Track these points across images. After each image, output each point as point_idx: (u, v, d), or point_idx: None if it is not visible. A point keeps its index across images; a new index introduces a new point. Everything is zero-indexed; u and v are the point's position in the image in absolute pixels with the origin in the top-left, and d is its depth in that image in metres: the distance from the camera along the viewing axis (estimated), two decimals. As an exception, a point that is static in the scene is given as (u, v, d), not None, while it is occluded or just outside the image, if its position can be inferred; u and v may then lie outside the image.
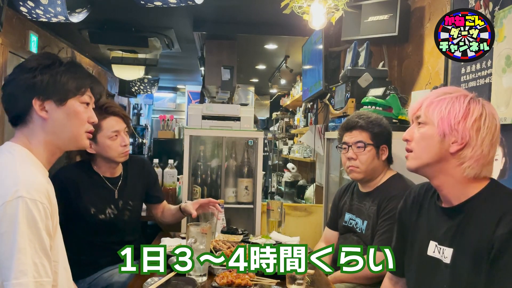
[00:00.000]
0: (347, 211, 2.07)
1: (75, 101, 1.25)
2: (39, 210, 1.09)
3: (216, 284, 1.49)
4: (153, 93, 8.71)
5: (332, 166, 3.48)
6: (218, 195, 2.98)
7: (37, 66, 1.21)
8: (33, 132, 1.22)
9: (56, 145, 1.25)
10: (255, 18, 4.33)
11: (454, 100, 1.22)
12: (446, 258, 1.23)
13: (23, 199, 1.07)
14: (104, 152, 2.05)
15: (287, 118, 6.76)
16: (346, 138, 2.00)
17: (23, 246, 1.05)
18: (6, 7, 3.34)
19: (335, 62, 3.81)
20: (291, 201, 5.34)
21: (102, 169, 2.11)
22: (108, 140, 2.03)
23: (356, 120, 1.97)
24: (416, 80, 2.75)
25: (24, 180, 1.10)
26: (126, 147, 2.08)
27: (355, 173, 1.96)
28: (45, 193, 1.13)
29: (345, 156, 1.99)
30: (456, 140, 1.20)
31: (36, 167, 1.19)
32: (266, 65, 6.55)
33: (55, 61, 1.24)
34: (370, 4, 2.86)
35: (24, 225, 1.06)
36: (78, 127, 1.26)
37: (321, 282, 1.63)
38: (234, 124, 2.99)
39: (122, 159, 2.09)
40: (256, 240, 2.12)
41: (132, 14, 4.26)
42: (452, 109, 1.20)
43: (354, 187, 2.11)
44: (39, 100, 1.20)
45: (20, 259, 1.04)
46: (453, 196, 1.24)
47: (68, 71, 1.24)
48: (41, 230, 1.09)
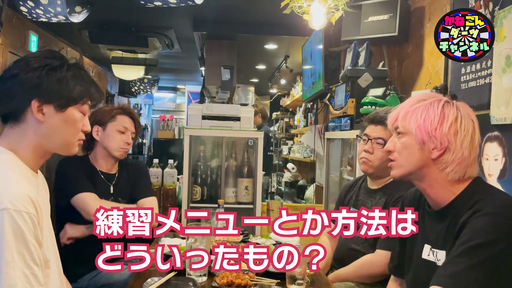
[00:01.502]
0: (352, 206, 2.07)
1: (75, 109, 1.22)
2: (25, 221, 1.05)
3: (216, 284, 1.49)
4: (153, 93, 8.71)
5: (332, 166, 3.49)
6: (218, 195, 2.98)
7: (44, 66, 1.17)
8: (24, 133, 1.17)
9: (45, 149, 1.21)
10: (255, 18, 4.32)
11: (428, 106, 1.23)
12: (439, 260, 1.24)
13: (7, 211, 1.03)
14: (107, 142, 2.17)
15: (287, 118, 6.76)
16: (368, 131, 1.99)
17: (10, 260, 1.02)
18: (6, 7, 3.34)
19: (335, 62, 3.82)
20: (291, 201, 5.34)
21: (99, 162, 2.21)
22: (115, 132, 2.17)
23: (385, 116, 1.94)
24: (416, 80, 2.75)
25: (7, 191, 1.06)
26: (127, 146, 2.21)
27: (367, 166, 1.96)
28: (30, 202, 1.08)
29: (362, 148, 1.99)
30: (436, 146, 1.21)
31: (21, 174, 1.14)
32: (266, 65, 6.55)
33: (63, 63, 1.20)
34: (370, 4, 2.86)
35: (10, 238, 1.02)
36: (72, 135, 1.23)
37: (321, 282, 1.64)
38: (234, 124, 2.99)
39: (119, 154, 2.20)
40: (256, 240, 2.12)
41: (132, 14, 4.26)
42: (427, 117, 1.22)
43: (362, 183, 2.10)
44: (39, 102, 1.16)
45: (8, 273, 1.01)
46: (440, 199, 1.26)
47: (75, 77, 1.21)
48: (29, 241, 1.05)
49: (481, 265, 1.08)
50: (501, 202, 1.16)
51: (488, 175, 1.82)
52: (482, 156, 1.86)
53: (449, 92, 2.18)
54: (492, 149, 1.80)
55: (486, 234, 1.10)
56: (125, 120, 2.21)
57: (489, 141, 1.82)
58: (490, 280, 1.09)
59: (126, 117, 2.23)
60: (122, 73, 5.94)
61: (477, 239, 1.10)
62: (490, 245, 1.09)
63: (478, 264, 1.08)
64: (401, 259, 1.44)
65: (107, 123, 2.17)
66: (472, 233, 1.11)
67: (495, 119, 1.75)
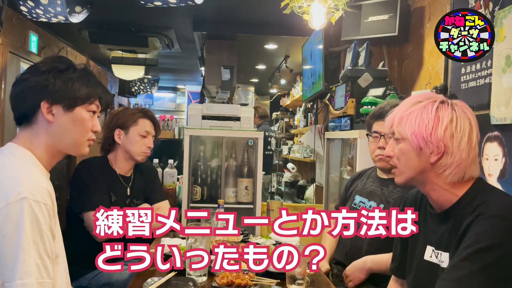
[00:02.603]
0: (357, 194, 2.05)
1: (83, 109, 1.26)
2: (42, 212, 1.10)
3: (216, 284, 1.49)
4: (153, 93, 8.71)
5: (332, 166, 3.49)
6: (218, 195, 2.98)
7: (51, 69, 1.23)
8: (36, 133, 1.23)
9: (57, 148, 1.26)
10: (255, 18, 4.32)
11: (422, 110, 1.22)
12: (443, 262, 1.23)
13: (27, 200, 1.08)
14: (129, 145, 2.20)
15: (287, 118, 6.76)
16: (377, 127, 1.97)
17: (27, 247, 1.06)
18: (6, 7, 3.34)
19: (335, 62, 3.81)
20: (291, 201, 5.34)
21: (119, 165, 2.24)
22: (137, 136, 2.21)
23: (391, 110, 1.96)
24: (416, 80, 2.75)
25: (26, 181, 1.11)
26: (148, 150, 2.25)
27: (385, 162, 1.92)
28: (48, 194, 1.14)
29: (376, 145, 1.97)
30: (433, 151, 1.20)
31: (38, 169, 1.20)
32: (266, 65, 6.55)
33: (70, 67, 1.26)
34: (370, 4, 2.86)
35: (28, 227, 1.07)
36: (82, 134, 1.28)
37: (321, 282, 1.64)
38: (234, 124, 3.00)
39: (141, 158, 2.24)
40: (256, 240, 2.12)
41: (132, 14, 4.26)
42: (421, 122, 1.20)
43: (371, 173, 2.09)
44: (48, 103, 1.21)
45: (24, 260, 1.05)
46: (443, 202, 1.25)
47: (81, 78, 1.26)
48: (44, 232, 1.10)
49: (486, 269, 1.08)
50: (504, 204, 1.16)
51: (488, 175, 1.82)
52: (482, 156, 1.86)
53: (449, 92, 2.18)
54: (492, 149, 1.80)
55: (490, 238, 1.09)
56: (146, 124, 2.24)
57: (489, 141, 1.82)
58: (495, 284, 1.08)
59: (148, 120, 2.26)
60: (122, 73, 5.94)
61: (482, 243, 1.09)
62: (495, 249, 1.08)
63: (483, 268, 1.08)
64: (402, 260, 1.44)
65: (130, 127, 2.20)
66: (476, 237, 1.11)
67: (495, 119, 1.75)
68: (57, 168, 5.36)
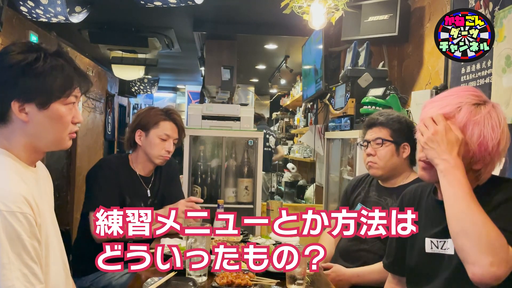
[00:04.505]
0: (360, 202, 2.06)
1: (59, 104, 1.14)
2: (20, 222, 1.02)
3: (216, 284, 1.49)
4: (153, 93, 8.71)
5: (332, 166, 3.49)
6: (218, 195, 2.98)
7: (19, 62, 1.09)
8: (12, 132, 1.13)
9: (37, 147, 1.17)
10: (255, 18, 4.32)
11: (488, 118, 1.17)
12: (448, 249, 1.23)
13: (1, 213, 1.00)
14: (149, 148, 2.15)
15: (287, 118, 6.77)
16: (367, 136, 2.02)
17: (6, 261, 0.99)
18: (6, 7, 3.34)
19: (335, 62, 3.81)
20: (291, 201, 5.35)
21: (139, 166, 2.20)
22: (157, 139, 2.13)
23: (377, 117, 1.99)
24: (416, 80, 2.75)
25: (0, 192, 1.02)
26: (168, 154, 2.17)
27: (374, 169, 1.97)
28: (25, 201, 1.05)
29: (365, 153, 2.00)
30: (485, 162, 1.20)
31: (15, 172, 1.11)
32: (266, 65, 6.55)
33: (39, 55, 1.11)
34: (370, 4, 2.86)
35: (5, 241, 1.00)
36: (61, 131, 1.17)
37: (321, 282, 1.63)
38: (234, 124, 3.00)
39: (159, 162, 2.18)
40: (256, 240, 2.12)
41: (132, 14, 4.26)
42: (488, 133, 1.17)
43: (372, 180, 2.09)
44: (19, 102, 1.10)
45: (5, 275, 0.99)
46: None
47: (54, 68, 1.12)
48: (26, 241, 1.03)
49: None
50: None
51: (488, 175, 1.82)
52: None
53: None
54: (492, 149, 1.80)
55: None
56: (167, 127, 2.16)
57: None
58: None
59: (170, 123, 2.17)
60: (122, 73, 5.94)
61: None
62: None
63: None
64: (398, 255, 1.43)
65: (150, 129, 2.13)
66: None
67: (495, 119, 1.75)
68: (57, 168, 5.36)
